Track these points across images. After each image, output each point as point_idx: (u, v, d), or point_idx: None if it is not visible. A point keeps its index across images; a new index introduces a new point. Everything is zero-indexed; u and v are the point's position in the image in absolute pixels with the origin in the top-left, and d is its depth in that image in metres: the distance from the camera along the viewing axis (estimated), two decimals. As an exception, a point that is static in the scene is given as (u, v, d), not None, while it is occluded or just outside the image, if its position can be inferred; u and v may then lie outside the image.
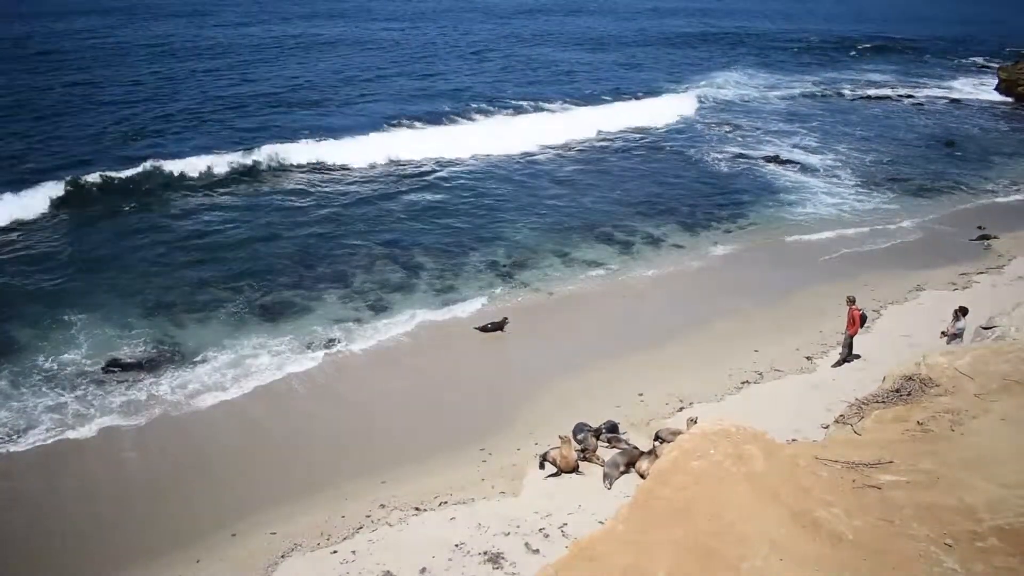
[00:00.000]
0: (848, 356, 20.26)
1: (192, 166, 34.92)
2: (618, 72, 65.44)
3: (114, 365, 20.20)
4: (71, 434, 17.67)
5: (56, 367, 20.12)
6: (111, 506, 15.69)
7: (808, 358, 20.83)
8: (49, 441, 17.44)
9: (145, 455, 17.24)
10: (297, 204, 32.57)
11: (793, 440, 15.17)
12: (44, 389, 19.19)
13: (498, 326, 22.49)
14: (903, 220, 32.78)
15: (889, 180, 38.31)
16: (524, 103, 51.45)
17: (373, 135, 41.80)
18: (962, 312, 18.71)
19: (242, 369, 20.38)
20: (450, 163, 38.96)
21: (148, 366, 20.28)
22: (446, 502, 15.31)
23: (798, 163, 40.76)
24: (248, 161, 36.33)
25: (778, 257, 28.64)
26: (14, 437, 17.46)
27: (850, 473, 9.45)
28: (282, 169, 36.77)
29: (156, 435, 17.89)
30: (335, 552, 14.03)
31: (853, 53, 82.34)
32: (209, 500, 15.78)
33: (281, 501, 15.63)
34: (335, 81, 57.57)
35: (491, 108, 49.76)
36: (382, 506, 15.28)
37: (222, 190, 33.82)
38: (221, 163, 35.56)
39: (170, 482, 16.41)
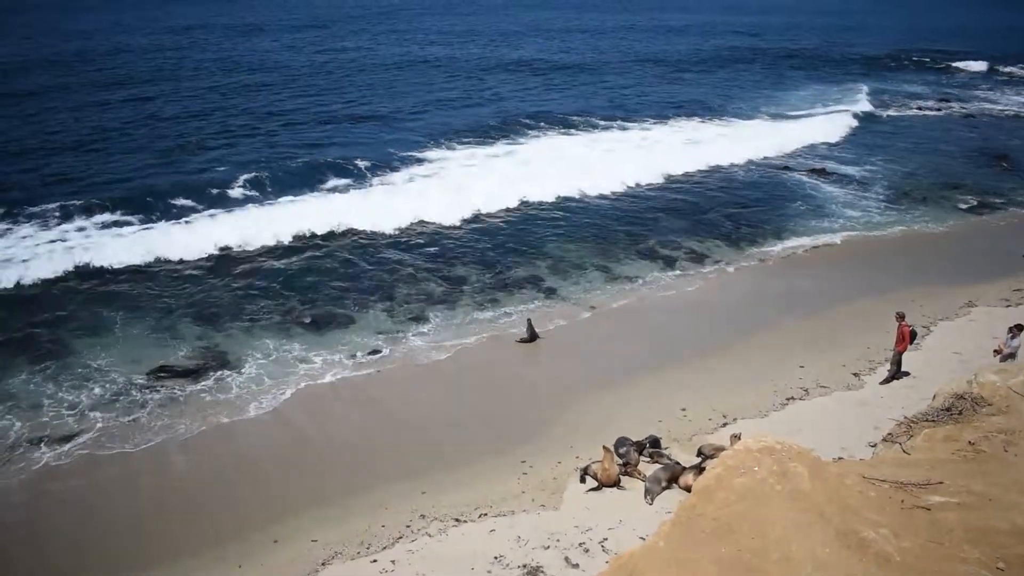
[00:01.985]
0: (897, 373, 19.85)
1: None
2: (676, 89, 64.91)
3: (162, 371, 20.67)
4: (118, 437, 18.13)
5: (106, 372, 20.71)
6: (155, 508, 16.01)
7: (855, 375, 20.46)
8: (97, 444, 17.93)
9: (189, 459, 17.58)
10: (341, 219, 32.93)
11: (839, 458, 14.84)
12: (94, 393, 19.77)
13: (533, 336, 22.61)
14: (953, 234, 32.13)
15: (941, 194, 37.55)
16: (576, 118, 51.53)
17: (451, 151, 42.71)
18: (1017, 329, 18.27)
19: (286, 377, 20.69)
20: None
21: (195, 373, 20.71)
22: (486, 514, 15.29)
23: (844, 175, 40.17)
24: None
25: (823, 271, 28.19)
26: (64, 440, 17.95)
27: (898, 493, 9.24)
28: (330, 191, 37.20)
29: (200, 439, 18.25)
30: (375, 561, 14.07)
31: (893, 64, 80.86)
32: (251, 505, 16.01)
33: (322, 508, 15.77)
34: (392, 102, 58.06)
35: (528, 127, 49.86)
36: (422, 516, 15.32)
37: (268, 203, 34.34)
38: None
39: (213, 486, 16.70)
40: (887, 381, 19.82)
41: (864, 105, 58.29)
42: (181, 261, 27.97)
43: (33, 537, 15.26)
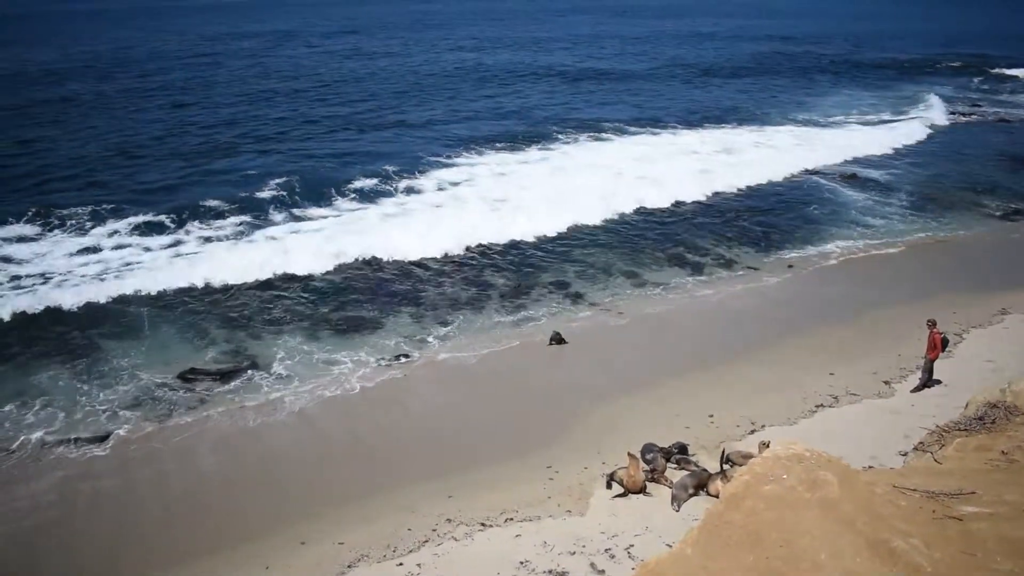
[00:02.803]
0: (928, 381, 19.60)
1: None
2: (706, 95, 64.61)
3: (192, 373, 20.93)
4: (149, 437, 18.42)
5: (137, 375, 21.03)
6: (185, 507, 16.22)
7: (886, 382, 20.22)
8: (128, 444, 18.22)
9: (218, 459, 17.79)
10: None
11: (870, 467, 14.74)
12: (126, 394, 20.11)
13: (560, 340, 22.68)
14: (986, 240, 31.69)
15: (973, 200, 37.04)
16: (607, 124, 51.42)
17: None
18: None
19: (314, 380, 20.89)
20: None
21: (224, 375, 20.95)
22: (512, 518, 15.29)
23: (874, 181, 39.76)
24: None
25: (853, 277, 27.89)
26: (97, 439, 18.28)
27: (930, 503, 9.13)
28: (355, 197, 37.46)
29: (229, 440, 18.48)
30: (401, 564, 14.12)
31: (928, 70, 79.74)
32: (278, 505, 16.15)
33: (348, 510, 15.87)
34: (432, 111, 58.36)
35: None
36: (448, 520, 15.35)
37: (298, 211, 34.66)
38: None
39: (242, 486, 16.89)
40: (918, 389, 19.57)
41: (896, 111, 57.64)
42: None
43: (65, 535, 15.49)
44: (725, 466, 15.95)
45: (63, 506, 16.27)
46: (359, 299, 25.83)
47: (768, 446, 13.05)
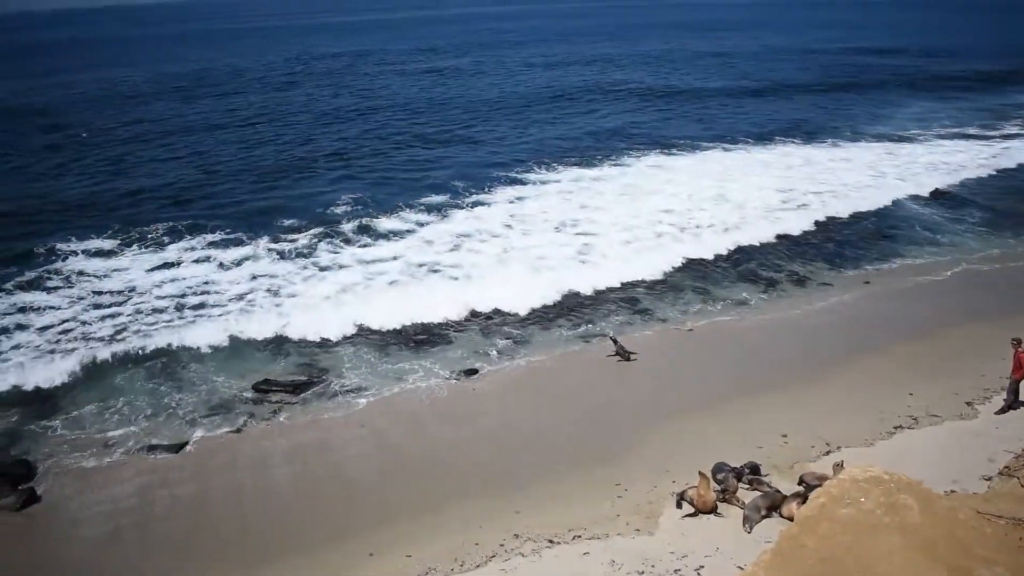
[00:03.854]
0: (1014, 403, 18.86)
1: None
2: (777, 110, 63.57)
3: (266, 384, 21.46)
4: (224, 446, 19.01)
5: (215, 385, 21.70)
6: (257, 514, 16.66)
7: (968, 403, 19.51)
8: (205, 452, 18.84)
9: (290, 468, 18.22)
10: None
11: (952, 491, 14.26)
12: (201, 404, 20.79)
13: (626, 355, 22.61)
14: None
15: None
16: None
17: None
18: None
19: (384, 393, 21.24)
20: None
21: (297, 386, 21.45)
22: (580, 536, 15.20)
23: (956, 197, 38.50)
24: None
25: (933, 295, 27.04)
26: (175, 447, 18.92)
27: (1017, 530, 8.79)
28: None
29: (300, 450, 18.91)
30: (468, 579, 14.18)
31: (1008, 79, 76.60)
32: (348, 516, 16.42)
33: (416, 523, 16.01)
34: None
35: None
36: (516, 536, 15.33)
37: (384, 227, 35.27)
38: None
39: (312, 495, 17.24)
40: (1003, 411, 18.85)
41: (978, 123, 55.78)
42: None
43: (142, 538, 16.06)
44: (800, 487, 15.62)
45: (141, 511, 16.89)
46: (430, 314, 26.02)
47: (843, 468, 12.77)
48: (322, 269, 29.57)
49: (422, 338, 24.35)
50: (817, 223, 34.31)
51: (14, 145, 53.90)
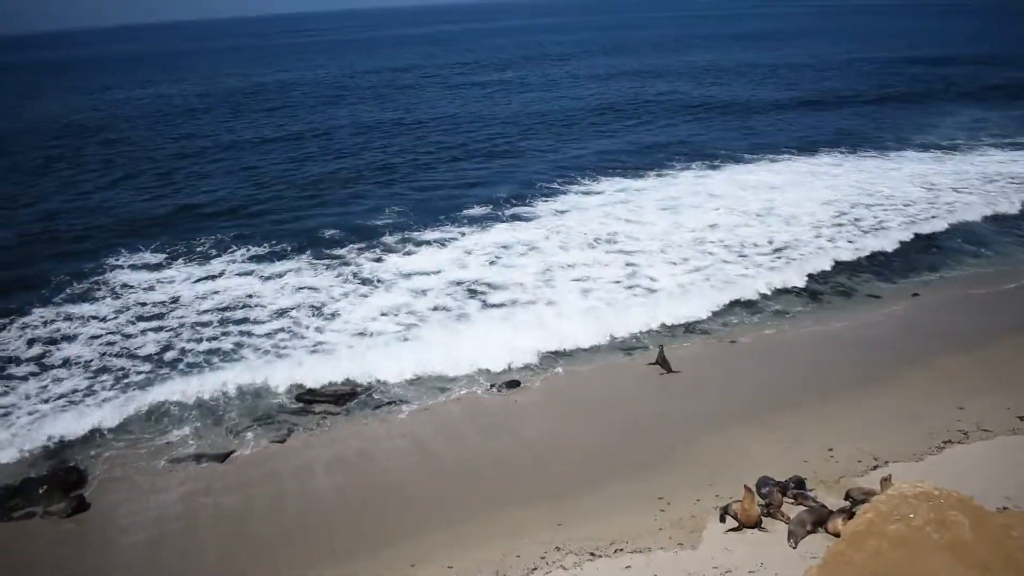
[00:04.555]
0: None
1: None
2: (823, 122, 62.71)
3: (309, 395, 21.77)
4: (267, 456, 19.30)
5: (260, 397, 21.97)
6: (300, 523, 16.82)
7: (1021, 418, 19.01)
8: (248, 462, 19.16)
9: (332, 478, 18.43)
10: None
11: (1004, 508, 13.90)
12: (246, 415, 21.15)
13: (667, 366, 22.50)
14: None
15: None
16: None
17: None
18: None
19: (425, 404, 21.36)
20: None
21: (339, 396, 21.74)
22: (622, 549, 15.09)
23: (1011, 206, 37.60)
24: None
25: (983, 307, 26.47)
26: (218, 456, 19.24)
27: (1074, 550, 8.54)
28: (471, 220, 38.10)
29: (342, 460, 19.15)
30: (510, 592, 14.16)
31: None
32: (390, 525, 16.51)
33: (457, 533, 16.04)
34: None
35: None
36: (557, 548, 15.28)
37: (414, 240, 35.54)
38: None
39: (354, 505, 17.39)
40: (1058, 426, 18.37)
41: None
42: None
43: (187, 545, 16.32)
44: (846, 503, 15.37)
45: (186, 518, 17.20)
46: (471, 326, 26.10)
47: (892, 483, 12.52)
48: (364, 283, 29.69)
49: (464, 348, 24.35)
50: (865, 234, 33.77)
51: (70, 159, 55.63)
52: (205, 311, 27.59)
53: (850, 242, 32.69)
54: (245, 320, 26.81)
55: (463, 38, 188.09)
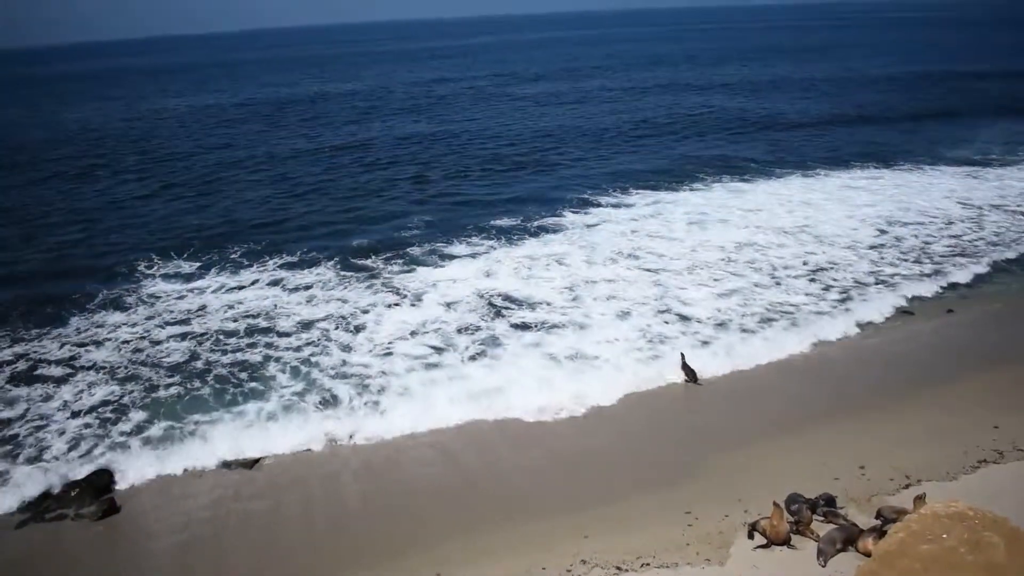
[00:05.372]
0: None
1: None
2: (857, 136, 62.02)
3: (336, 399, 21.90)
4: (297, 463, 19.48)
5: (289, 403, 22.09)
6: (327, 531, 16.93)
7: (1059, 439, 18.67)
8: (276, 469, 19.34)
9: (362, 486, 18.52)
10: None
11: (1041, 530, 13.62)
12: (279, 423, 21.17)
13: (693, 376, 22.47)
14: None
15: None
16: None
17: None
18: None
19: (455, 414, 21.36)
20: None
21: (368, 403, 21.86)
22: (648, 564, 14.98)
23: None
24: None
25: (1020, 324, 25.99)
26: (247, 463, 19.47)
27: (1112, 574, 8.35)
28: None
29: (372, 468, 19.23)
30: (535, 604, 14.11)
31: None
32: (417, 534, 16.54)
33: (484, 544, 16.01)
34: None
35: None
36: (583, 561, 15.20)
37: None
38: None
39: (383, 513, 17.45)
40: (1098, 448, 17.98)
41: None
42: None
43: (215, 551, 16.46)
44: (877, 521, 15.15)
45: (215, 523, 17.37)
46: (500, 339, 26.12)
47: (924, 502, 12.33)
48: (394, 294, 29.75)
49: (487, 360, 24.43)
50: (898, 248, 33.34)
51: (109, 168, 56.73)
52: (233, 320, 27.81)
53: (883, 257, 32.30)
54: (272, 331, 26.90)
55: (496, 50, 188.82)
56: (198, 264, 33.89)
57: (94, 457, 19.79)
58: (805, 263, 31.97)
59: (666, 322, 26.61)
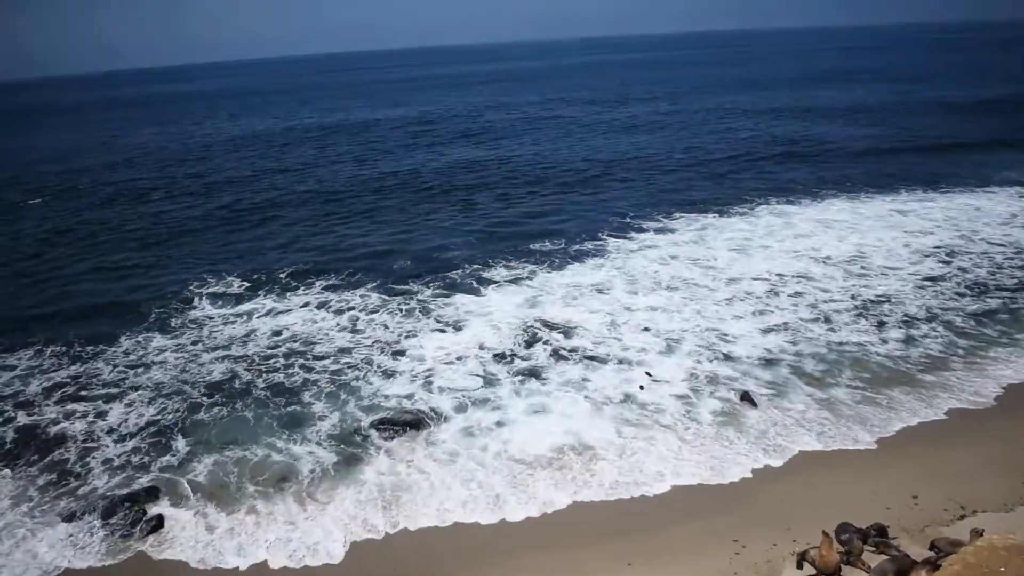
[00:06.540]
0: None
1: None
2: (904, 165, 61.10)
3: (382, 424, 22.21)
4: (345, 474, 19.82)
5: (341, 424, 22.55)
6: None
7: (1120, 471, 18.07)
8: (321, 481, 19.52)
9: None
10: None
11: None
12: (332, 440, 21.78)
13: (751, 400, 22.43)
14: None
15: None
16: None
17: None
18: None
19: (489, 433, 21.70)
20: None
21: (410, 425, 22.16)
22: (694, 592, 14.83)
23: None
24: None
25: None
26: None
27: None
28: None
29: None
30: (579, 631, 14.01)
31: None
32: (455, 555, 16.64)
33: (526, 563, 16.11)
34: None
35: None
36: (628, 589, 15.10)
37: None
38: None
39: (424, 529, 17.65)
40: None
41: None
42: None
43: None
44: (932, 553, 14.79)
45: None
46: (542, 360, 26.13)
47: (981, 534, 12.05)
48: (438, 320, 29.88)
49: (531, 373, 24.53)
50: (953, 275, 32.49)
51: (165, 189, 58.63)
52: (277, 345, 28.24)
53: (940, 290, 31.25)
54: (312, 355, 27.27)
55: (544, 76, 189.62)
56: (247, 285, 34.57)
57: (143, 475, 20.38)
58: (853, 297, 30.82)
59: (714, 358, 25.83)
